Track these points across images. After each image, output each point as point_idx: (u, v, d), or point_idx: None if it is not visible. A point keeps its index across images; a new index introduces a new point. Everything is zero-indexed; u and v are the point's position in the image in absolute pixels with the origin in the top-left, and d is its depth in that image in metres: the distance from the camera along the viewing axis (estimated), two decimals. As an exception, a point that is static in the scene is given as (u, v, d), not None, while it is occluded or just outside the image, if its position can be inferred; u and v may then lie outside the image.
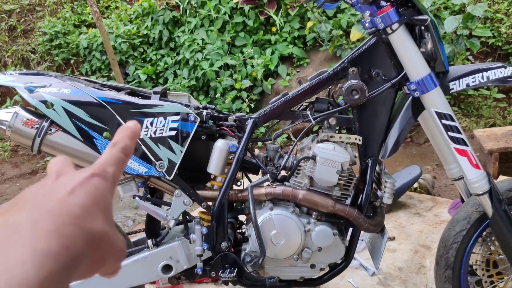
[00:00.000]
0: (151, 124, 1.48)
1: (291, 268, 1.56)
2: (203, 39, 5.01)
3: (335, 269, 1.59)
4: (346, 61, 1.52)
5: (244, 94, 4.65)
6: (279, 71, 4.62)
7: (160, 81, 5.32)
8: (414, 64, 1.44)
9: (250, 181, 1.61)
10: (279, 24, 4.66)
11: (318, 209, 1.50)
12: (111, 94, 1.51)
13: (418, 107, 1.51)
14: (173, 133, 1.49)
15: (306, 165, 1.51)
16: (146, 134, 1.49)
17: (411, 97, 1.51)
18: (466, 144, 1.46)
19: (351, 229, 1.60)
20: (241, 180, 1.63)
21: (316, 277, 1.59)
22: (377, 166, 1.58)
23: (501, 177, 2.91)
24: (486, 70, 1.48)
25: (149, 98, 1.57)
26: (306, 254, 1.51)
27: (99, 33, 5.63)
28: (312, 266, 1.55)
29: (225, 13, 4.94)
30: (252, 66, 4.66)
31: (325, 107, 1.57)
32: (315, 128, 3.34)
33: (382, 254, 1.54)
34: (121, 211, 3.77)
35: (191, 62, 5.00)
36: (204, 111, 1.55)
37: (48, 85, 1.48)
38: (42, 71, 1.65)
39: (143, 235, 1.79)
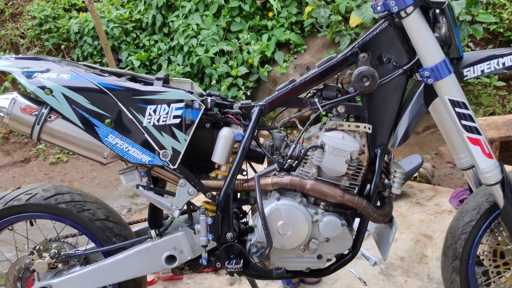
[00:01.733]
0: (154, 111, 1.43)
1: (298, 259, 1.53)
2: (198, 24, 4.92)
3: (341, 260, 1.56)
4: (356, 46, 1.47)
5: (240, 82, 4.59)
6: (276, 58, 4.56)
7: (154, 67, 5.22)
8: (428, 50, 1.39)
9: (254, 170, 1.56)
10: (276, 9, 4.58)
11: (326, 199, 1.46)
12: (113, 80, 1.45)
13: (430, 94, 1.47)
14: (177, 121, 1.44)
15: (314, 154, 1.47)
16: (149, 122, 1.43)
17: (423, 84, 1.47)
18: (479, 133, 1.43)
19: (357, 219, 1.57)
20: (246, 170, 1.58)
21: (322, 267, 1.56)
22: (386, 155, 1.54)
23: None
24: (501, 56, 1.44)
25: (151, 84, 1.51)
26: (313, 245, 1.48)
27: (90, 18, 5.51)
28: (319, 256, 1.52)
29: (220, -3, 4.85)
30: (248, 52, 4.59)
31: (333, 95, 1.53)
32: (324, 120, 3.29)
33: (390, 245, 1.52)
34: (116, 200, 3.72)
35: (185, 48, 4.91)
36: (209, 98, 1.50)
37: (47, 70, 1.42)
38: (40, 56, 1.58)
39: (144, 225, 1.74)
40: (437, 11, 1.42)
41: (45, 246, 1.60)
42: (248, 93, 4.59)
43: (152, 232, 1.55)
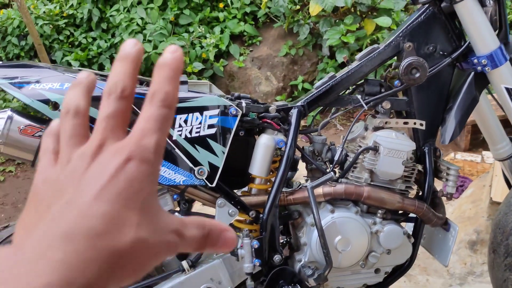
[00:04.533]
0: (185, 122, 1.19)
1: (354, 276, 1.37)
2: (142, 18, 4.55)
3: (398, 271, 1.43)
4: (400, 35, 1.33)
5: (194, 78, 4.32)
6: (231, 51, 4.34)
7: (94, 67, 4.77)
8: (484, 36, 1.29)
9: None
10: None
11: (384, 206, 1.32)
12: (129, 86, 1.19)
13: (481, 83, 1.37)
14: (213, 131, 1.21)
15: (365, 157, 1.31)
16: (180, 135, 1.19)
17: (472, 73, 1.37)
18: (535, 122, 1.36)
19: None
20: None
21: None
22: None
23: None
24: (550, 39, 1.37)
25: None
26: (373, 259, 1.33)
27: (13, 15, 4.93)
28: (377, 270, 1.38)
29: (165, -11, 4.52)
30: (201, 46, 4.33)
31: (377, 90, 1.38)
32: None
33: (451, 250, 1.40)
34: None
35: (130, 45, 4.52)
36: (243, 102, 1.28)
37: (44, 79, 1.13)
38: (28, 62, 1.28)
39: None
40: (487, -6, 1.32)
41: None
42: (204, 89, 4.33)
43: (184, 264, 1.31)
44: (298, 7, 4.02)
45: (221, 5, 4.46)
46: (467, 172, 2.74)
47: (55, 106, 1.10)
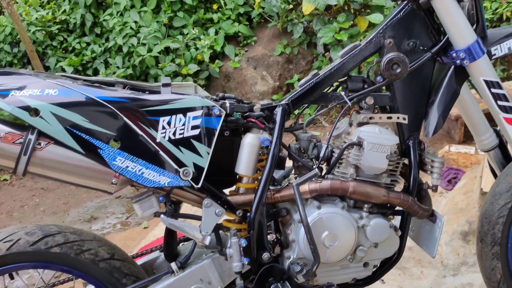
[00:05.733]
0: (169, 124, 1.21)
1: (343, 271, 1.38)
2: (136, 22, 4.57)
3: (386, 264, 1.44)
4: (381, 31, 1.35)
5: (190, 80, 4.33)
6: (227, 52, 4.35)
7: (89, 72, 4.80)
8: (461, 31, 1.31)
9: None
10: (222, 0, 4.36)
11: (370, 200, 1.33)
12: (112, 91, 1.20)
13: (461, 77, 1.39)
14: (196, 132, 1.23)
15: (351, 152, 1.33)
16: (164, 137, 1.21)
17: (452, 67, 1.38)
18: (515, 112, 1.37)
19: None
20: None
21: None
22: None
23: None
24: (524, 32, 1.38)
25: (157, 93, 1.28)
26: (361, 253, 1.34)
27: (5, 22, 4.95)
28: (365, 264, 1.39)
29: (159, -8, 4.53)
30: (196, 48, 4.34)
31: (360, 86, 1.39)
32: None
33: (438, 241, 1.42)
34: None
35: (124, 49, 4.54)
36: (227, 102, 1.30)
37: (24, 86, 1.14)
38: (8, 69, 1.29)
39: (150, 256, 1.51)
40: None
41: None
42: (199, 91, 4.35)
43: (173, 265, 1.33)
44: (291, 6, 4.04)
45: (214, 6, 4.48)
46: (461, 164, 2.75)
47: (36, 112, 1.11)
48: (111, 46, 4.65)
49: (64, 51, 4.99)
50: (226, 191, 1.41)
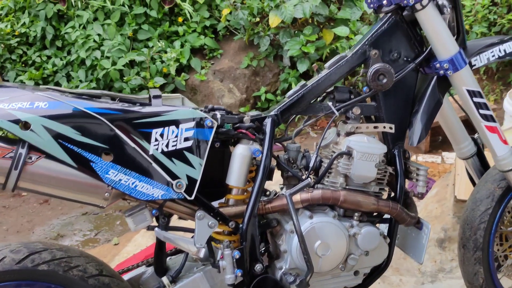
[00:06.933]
0: (161, 135, 1.19)
1: (334, 280, 1.39)
2: (99, 35, 4.47)
3: (376, 271, 1.46)
4: (366, 43, 1.38)
5: (156, 92, 4.27)
6: (193, 65, 4.33)
7: (51, 86, 4.64)
8: (444, 42, 1.36)
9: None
10: (188, 13, 4.35)
11: (360, 209, 1.35)
12: (103, 103, 1.17)
13: (444, 87, 1.44)
14: (189, 143, 1.21)
15: (340, 162, 1.35)
16: (157, 149, 1.18)
17: (435, 77, 1.43)
18: (494, 120, 1.44)
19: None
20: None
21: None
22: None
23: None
24: (500, 43, 1.46)
25: (148, 105, 1.25)
26: (352, 261, 1.36)
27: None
28: (356, 273, 1.40)
29: (122, 4, 4.45)
30: (162, 61, 4.30)
31: (347, 96, 1.42)
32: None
33: (425, 248, 1.45)
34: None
35: (87, 62, 4.43)
36: (218, 113, 1.29)
37: (12, 99, 1.09)
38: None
39: (135, 272, 1.47)
40: (444, 1, 1.39)
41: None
42: (166, 104, 4.29)
43: (165, 280, 1.30)
44: (257, 19, 4.08)
45: (180, 19, 4.46)
46: (430, 173, 2.84)
47: (26, 125, 1.07)
48: (74, 59, 4.52)
49: (23, 65, 4.81)
50: (215, 203, 1.39)
